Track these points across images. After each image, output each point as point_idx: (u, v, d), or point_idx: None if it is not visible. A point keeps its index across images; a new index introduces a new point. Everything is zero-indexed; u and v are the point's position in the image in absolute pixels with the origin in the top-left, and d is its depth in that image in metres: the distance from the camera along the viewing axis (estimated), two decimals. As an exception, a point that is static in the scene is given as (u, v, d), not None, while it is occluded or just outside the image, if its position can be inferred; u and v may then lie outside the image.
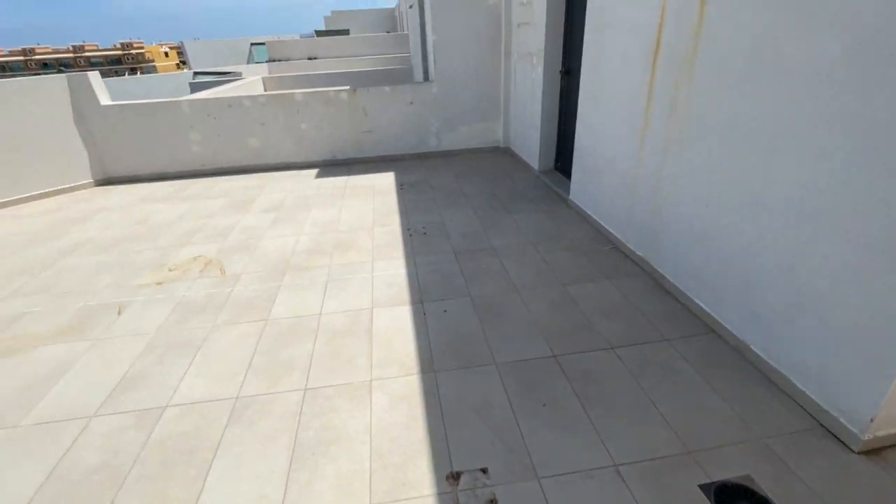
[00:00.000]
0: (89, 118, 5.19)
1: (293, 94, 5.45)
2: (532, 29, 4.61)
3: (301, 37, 23.72)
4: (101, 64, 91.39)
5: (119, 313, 2.75)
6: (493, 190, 4.64)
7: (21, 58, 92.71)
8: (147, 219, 4.32)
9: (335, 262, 3.27)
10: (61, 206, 4.82)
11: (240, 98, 5.40)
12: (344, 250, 3.44)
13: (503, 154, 5.94)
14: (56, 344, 2.50)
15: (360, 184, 5.03)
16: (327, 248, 3.50)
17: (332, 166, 5.74)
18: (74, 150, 5.18)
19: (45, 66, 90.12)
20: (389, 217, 4.05)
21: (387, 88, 5.59)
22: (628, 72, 2.86)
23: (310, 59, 14.62)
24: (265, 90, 8.82)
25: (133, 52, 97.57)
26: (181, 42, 17.19)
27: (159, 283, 3.09)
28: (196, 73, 12.32)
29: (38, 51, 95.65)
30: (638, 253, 2.96)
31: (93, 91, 5.10)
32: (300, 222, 4.03)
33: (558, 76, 4.45)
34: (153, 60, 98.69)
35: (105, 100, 5.21)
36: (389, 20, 31.18)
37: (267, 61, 15.98)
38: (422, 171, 5.38)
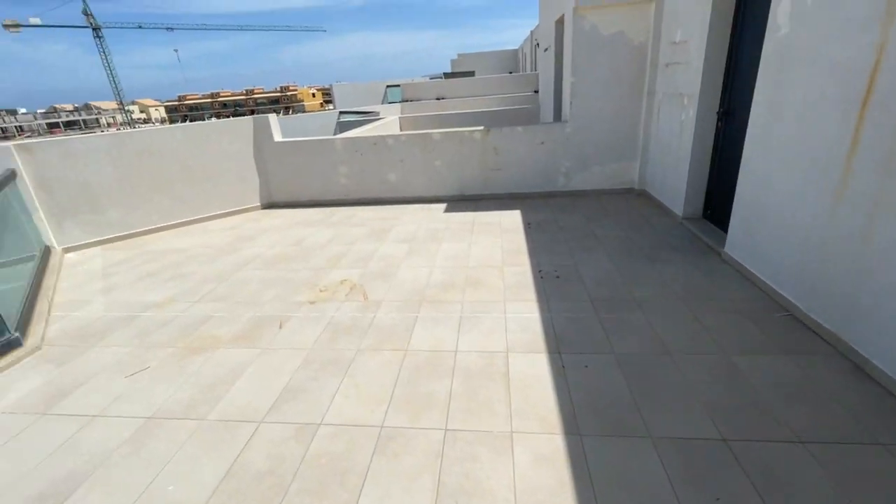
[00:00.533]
0: (265, 152, 6.14)
1: (430, 134, 5.84)
2: (684, 68, 4.34)
3: (430, 78, 25.73)
4: (265, 104, 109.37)
5: (280, 327, 3.10)
6: (630, 234, 4.36)
7: (209, 100, 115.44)
8: (302, 240, 4.90)
9: (467, 298, 3.31)
10: (237, 224, 5.71)
11: (384, 137, 5.95)
12: (475, 287, 3.48)
13: (637, 197, 5.60)
14: (233, 348, 2.90)
15: (488, 220, 5.12)
16: (459, 283, 3.58)
17: (459, 201, 5.97)
18: (250, 178, 6.15)
19: (225, 106, 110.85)
20: (518, 256, 4.02)
21: (519, 129, 5.70)
22: (821, 117, 2.49)
23: (438, 99, 15.72)
24: (401, 129, 9.63)
25: (289, 93, 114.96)
26: (330, 85, 19.84)
27: (312, 303, 3.43)
28: (342, 113, 14.02)
29: (221, 94, 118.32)
30: (827, 326, 2.48)
31: (270, 130, 6.04)
32: (432, 255, 4.21)
33: (714, 118, 4.09)
34: (303, 100, 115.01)
35: (278, 137, 6.13)
36: (511, 61, 32.26)
37: (400, 101, 17.55)
38: (549, 211, 5.30)
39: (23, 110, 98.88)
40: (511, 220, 5.06)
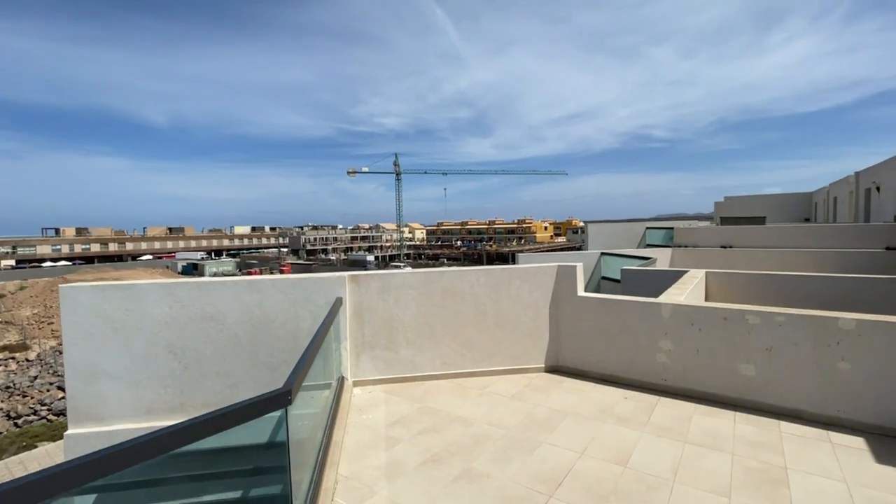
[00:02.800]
0: (563, 305, 5.14)
1: (836, 318, 3.73)
2: None
3: (698, 220, 23.02)
4: (503, 233, 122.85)
5: None
6: None
7: (459, 226, 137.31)
8: (626, 455, 3.29)
9: None
10: (520, 392, 4.60)
11: (742, 312, 4.14)
12: None
13: None
14: None
15: None
16: None
17: (887, 439, 3.43)
18: (541, 333, 5.15)
19: (470, 233, 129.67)
20: None
21: None
22: None
23: (723, 247, 13.10)
24: (707, 289, 7.60)
25: (524, 225, 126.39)
26: (585, 223, 19.62)
27: None
28: (604, 255, 12.95)
29: (469, 223, 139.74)
30: None
31: (575, 281, 5.06)
32: None
33: None
34: (535, 232, 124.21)
35: (581, 290, 5.08)
36: (800, 207, 26.57)
37: (669, 246, 15.58)
38: None
39: (340, 226, 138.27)
40: None
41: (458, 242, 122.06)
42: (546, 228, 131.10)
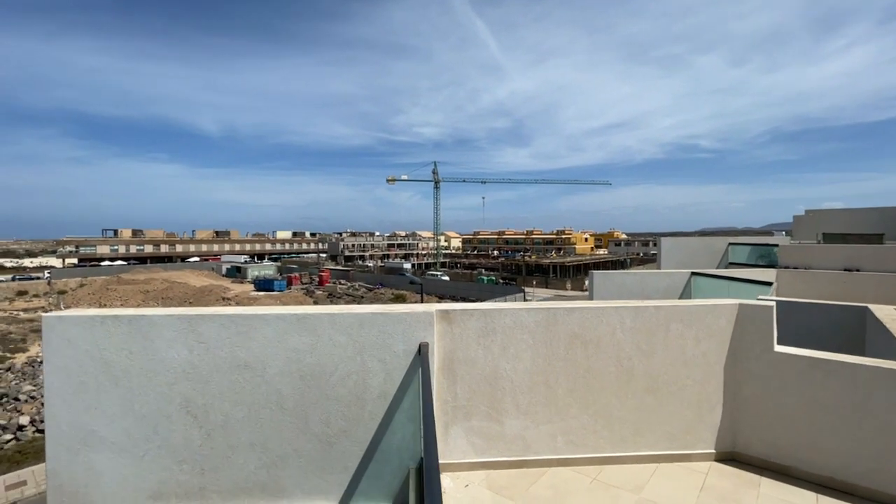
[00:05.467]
0: (745, 363, 3.47)
1: None
2: None
3: (772, 235, 20.35)
4: (541, 244, 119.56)
5: None
6: None
7: (496, 236, 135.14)
8: None
9: None
10: (696, 499, 2.97)
11: None
12: None
13: None
14: None
15: None
16: None
17: None
18: (710, 404, 3.50)
19: (507, 243, 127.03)
20: None
21: None
22: None
23: (847, 270, 10.81)
24: None
25: (563, 236, 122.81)
26: (658, 239, 17.46)
27: None
28: (695, 274, 10.98)
29: (506, 232, 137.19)
30: None
31: (769, 328, 3.39)
32: None
33: None
34: (575, 243, 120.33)
35: (775, 342, 3.40)
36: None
37: (760, 265, 13.35)
38: None
39: (377, 233, 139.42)
40: None
41: (495, 252, 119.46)
42: (586, 240, 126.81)
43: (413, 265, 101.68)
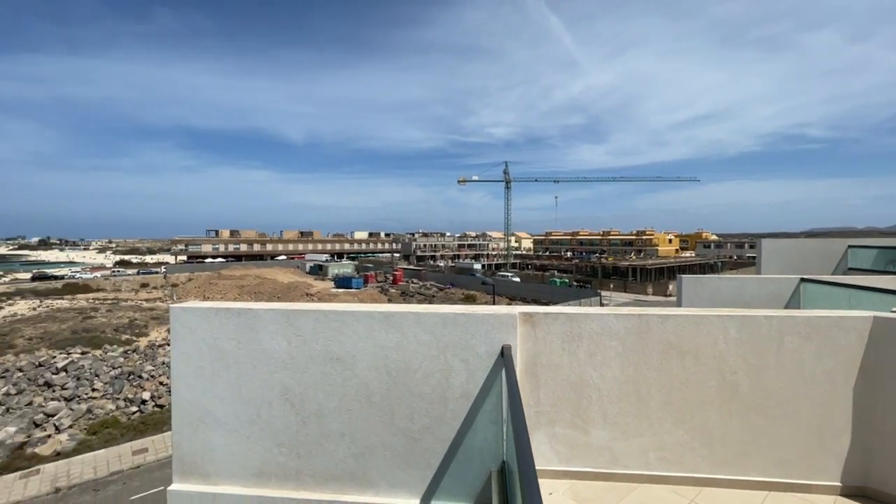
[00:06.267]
0: (883, 384, 2.99)
1: None
2: None
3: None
4: (618, 245, 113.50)
5: None
6: None
7: (569, 237, 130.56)
8: None
9: None
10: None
11: None
12: None
13: None
14: None
15: None
16: None
17: None
18: (834, 428, 3.07)
19: (581, 244, 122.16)
20: None
21: None
22: None
23: None
24: None
25: (644, 237, 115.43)
26: (758, 240, 15.75)
27: None
28: (804, 281, 9.71)
29: (580, 233, 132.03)
30: None
31: (914, 347, 2.89)
32: None
33: None
34: (657, 245, 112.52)
35: (922, 362, 2.89)
36: None
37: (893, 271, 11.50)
38: None
39: (448, 233, 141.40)
40: None
41: (569, 253, 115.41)
42: (670, 241, 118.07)
43: (483, 265, 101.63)
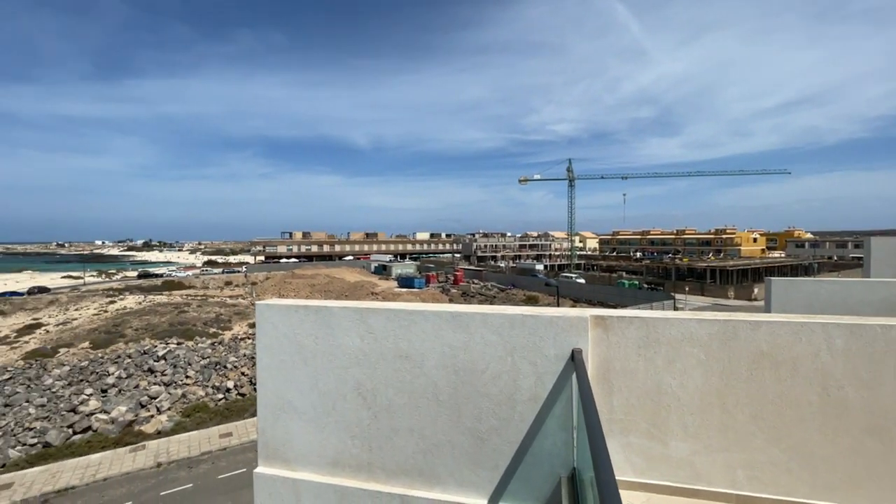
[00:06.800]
0: None
1: None
2: None
3: None
4: (694, 244, 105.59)
5: None
6: None
7: (639, 236, 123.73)
8: None
9: None
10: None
11: None
12: None
13: None
14: None
15: None
16: None
17: None
18: (973, 457, 2.63)
19: (652, 244, 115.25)
20: None
21: None
22: None
23: None
24: None
25: (724, 236, 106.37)
26: (866, 239, 13.92)
27: None
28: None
29: (651, 232, 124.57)
30: None
31: None
32: None
33: None
34: (740, 244, 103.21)
35: None
36: None
37: None
38: None
39: (508, 234, 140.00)
40: None
41: (638, 254, 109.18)
42: (755, 240, 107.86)
43: (545, 266, 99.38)
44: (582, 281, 67.65)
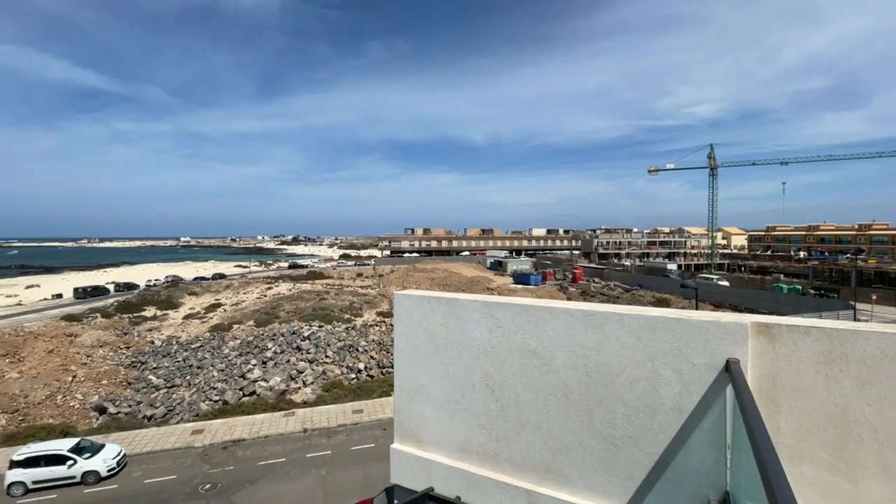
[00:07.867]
0: None
1: None
2: None
3: None
4: (884, 242, 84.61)
5: None
6: None
7: (803, 232, 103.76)
8: None
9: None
10: None
11: None
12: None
13: None
14: None
15: None
16: None
17: None
18: None
19: (822, 241, 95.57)
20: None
21: None
22: None
23: None
24: None
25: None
26: None
27: None
28: None
29: (821, 227, 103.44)
30: None
31: None
32: None
33: None
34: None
35: None
36: None
37: None
38: None
39: (635, 229, 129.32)
40: None
41: (801, 253, 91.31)
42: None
43: (678, 266, 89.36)
44: (725, 283, 59.13)
